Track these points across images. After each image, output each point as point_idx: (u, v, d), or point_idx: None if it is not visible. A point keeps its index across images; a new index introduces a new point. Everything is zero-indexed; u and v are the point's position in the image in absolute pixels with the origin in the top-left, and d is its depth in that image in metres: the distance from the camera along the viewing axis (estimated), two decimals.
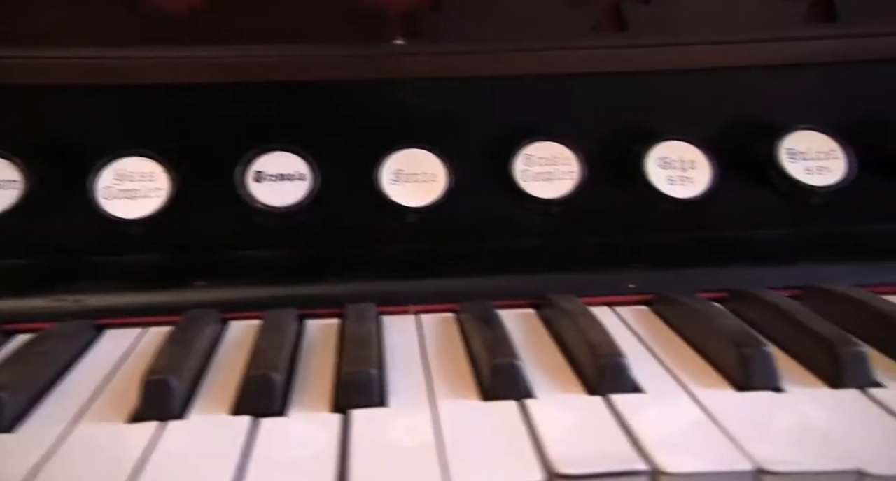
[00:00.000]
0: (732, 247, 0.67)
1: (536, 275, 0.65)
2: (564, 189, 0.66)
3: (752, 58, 0.70)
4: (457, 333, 0.59)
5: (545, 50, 0.69)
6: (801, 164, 0.67)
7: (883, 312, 0.55)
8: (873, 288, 0.64)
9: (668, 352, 0.55)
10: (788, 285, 0.64)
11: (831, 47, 0.70)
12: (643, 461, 0.39)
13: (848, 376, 0.48)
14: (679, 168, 0.67)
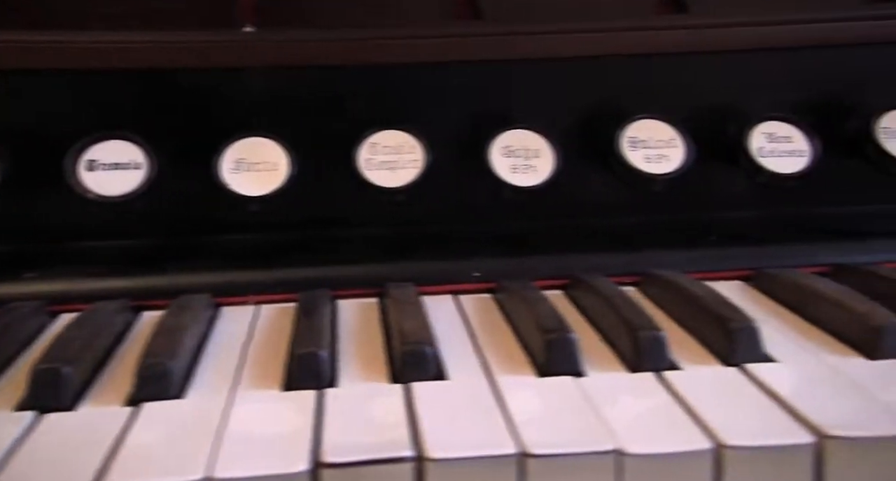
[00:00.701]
0: (576, 235, 0.68)
1: (380, 264, 0.65)
2: (408, 177, 0.66)
3: (604, 47, 0.71)
4: (288, 324, 0.58)
5: (397, 38, 0.69)
6: (642, 153, 0.68)
7: (695, 296, 0.56)
8: (710, 274, 0.66)
9: (489, 340, 0.55)
10: (629, 272, 0.65)
11: (681, 37, 0.72)
12: (412, 448, 0.39)
13: (645, 359, 0.49)
14: (523, 156, 0.68)
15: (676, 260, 0.66)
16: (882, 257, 0.66)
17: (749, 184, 0.69)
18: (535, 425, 0.42)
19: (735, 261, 0.66)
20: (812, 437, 0.41)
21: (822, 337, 0.54)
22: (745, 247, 0.68)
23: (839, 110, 0.70)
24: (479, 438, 0.41)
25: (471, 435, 0.41)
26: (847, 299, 0.54)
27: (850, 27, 0.72)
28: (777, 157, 0.68)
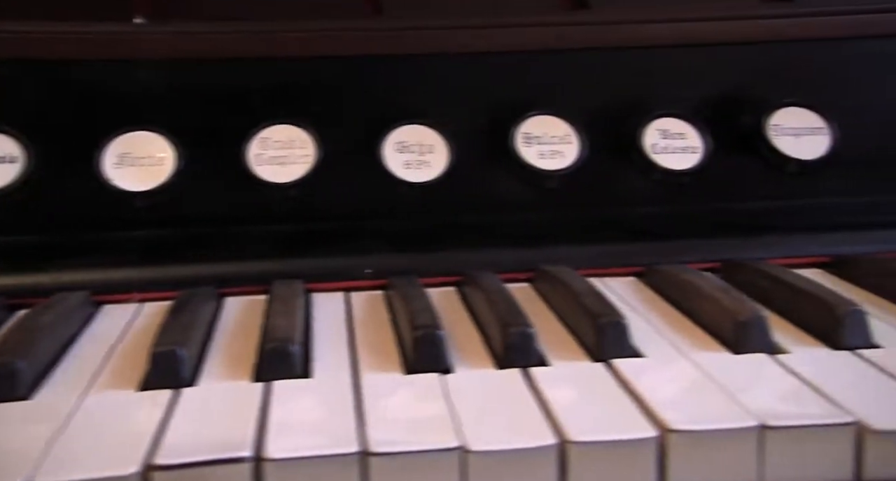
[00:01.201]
0: (471, 231, 0.67)
1: (270, 261, 0.64)
2: (299, 173, 0.65)
3: (503, 43, 0.71)
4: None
5: (293, 32, 0.68)
6: (536, 149, 0.68)
7: (575, 292, 0.55)
8: (606, 270, 0.66)
9: (368, 337, 0.54)
10: (524, 268, 0.65)
11: (579, 34, 0.72)
12: (251, 449, 0.38)
13: (512, 356, 0.49)
14: (417, 152, 0.67)
15: (573, 256, 0.66)
16: (773, 253, 0.67)
17: (645, 181, 0.70)
18: (386, 423, 0.42)
19: (630, 257, 0.67)
20: (655, 431, 0.41)
21: (697, 332, 0.54)
22: (640, 243, 0.68)
23: (734, 107, 0.70)
24: (325, 438, 0.40)
25: (317, 435, 0.40)
26: (721, 295, 0.55)
27: (746, 25, 0.73)
28: (670, 154, 0.69)
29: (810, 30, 0.73)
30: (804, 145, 0.69)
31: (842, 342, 0.50)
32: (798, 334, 0.53)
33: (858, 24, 0.73)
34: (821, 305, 0.52)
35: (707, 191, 0.69)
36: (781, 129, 0.69)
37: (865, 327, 0.51)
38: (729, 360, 0.49)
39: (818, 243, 0.67)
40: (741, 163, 0.70)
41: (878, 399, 0.43)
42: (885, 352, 0.49)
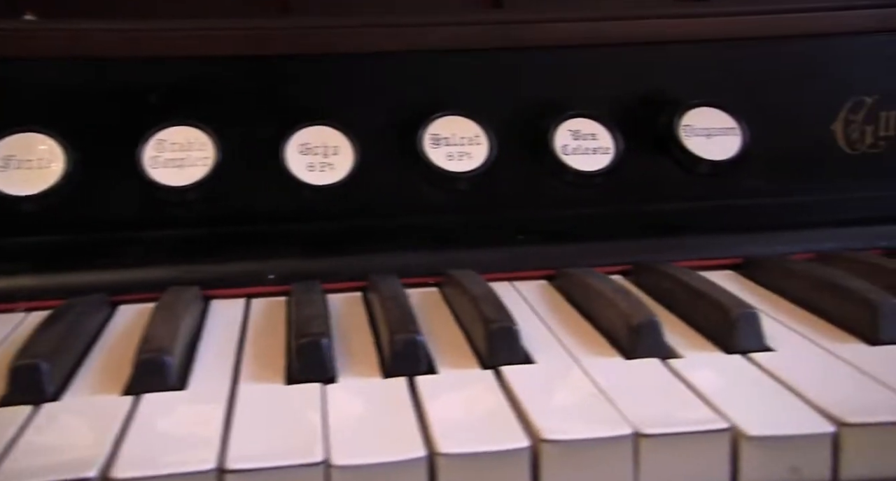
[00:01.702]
0: (377, 235, 0.65)
1: (166, 267, 0.61)
2: (197, 176, 0.63)
3: (412, 42, 0.69)
4: None
5: (190, 30, 0.66)
6: (444, 150, 0.67)
7: (472, 296, 0.54)
8: (516, 274, 0.64)
9: (257, 346, 0.52)
10: (431, 272, 0.63)
11: (491, 33, 0.71)
12: (96, 469, 0.36)
13: (397, 365, 0.47)
14: (321, 154, 0.66)
15: (483, 260, 0.64)
16: (686, 255, 0.66)
17: (557, 182, 0.68)
18: (252, 438, 0.40)
19: (541, 260, 0.65)
20: (528, 442, 0.39)
21: (594, 337, 0.53)
22: (552, 245, 0.67)
23: (647, 107, 0.69)
24: (185, 454, 0.38)
25: (178, 452, 0.38)
26: (619, 298, 0.53)
27: (659, 25, 0.72)
28: (581, 155, 0.68)
29: (723, 30, 0.73)
30: (716, 146, 0.68)
31: (734, 345, 0.49)
32: (694, 338, 0.52)
33: (770, 25, 0.73)
34: (716, 308, 0.52)
35: (620, 193, 0.68)
36: (693, 130, 0.68)
37: (758, 330, 0.50)
38: (619, 366, 0.48)
39: (730, 245, 0.67)
40: (653, 164, 0.69)
41: (760, 404, 0.42)
42: (774, 356, 0.48)
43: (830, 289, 0.55)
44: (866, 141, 0.75)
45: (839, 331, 0.52)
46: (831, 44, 0.73)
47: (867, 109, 0.74)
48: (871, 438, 0.40)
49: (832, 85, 0.73)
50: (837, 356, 0.48)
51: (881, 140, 0.75)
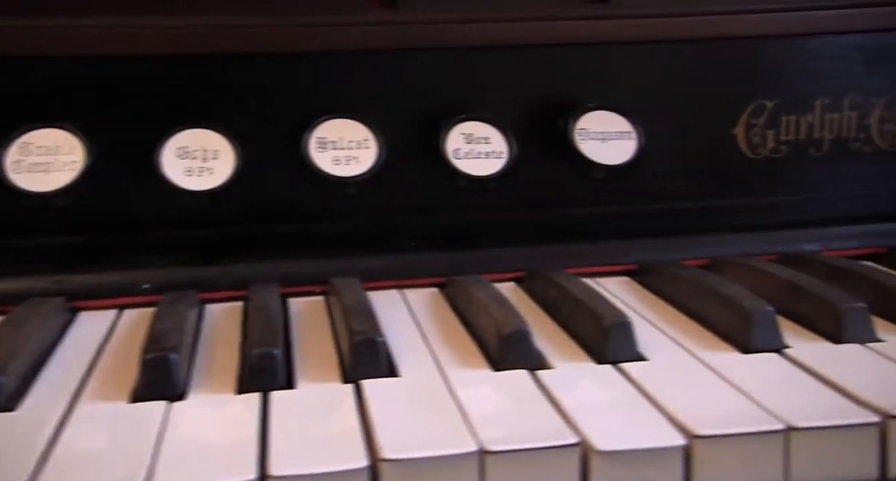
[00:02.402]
0: (257, 243, 0.62)
1: (29, 277, 0.57)
2: (64, 181, 0.59)
3: (301, 44, 0.66)
4: None
5: (50, 28, 0.61)
6: (331, 154, 0.65)
7: (344, 306, 0.52)
8: (407, 281, 0.62)
9: (111, 361, 0.49)
10: (316, 281, 0.60)
11: (384, 33, 0.69)
12: None
13: (253, 379, 0.44)
14: (200, 158, 0.63)
15: (370, 268, 0.62)
16: (581, 262, 0.64)
17: (449, 187, 0.66)
18: (67, 465, 0.37)
19: (431, 267, 0.63)
20: (366, 461, 0.37)
21: (469, 347, 0.51)
22: (443, 252, 0.64)
23: (543, 111, 0.68)
24: None
25: None
26: (494, 307, 0.51)
27: (559, 27, 0.71)
28: (473, 159, 0.66)
29: (624, 32, 0.71)
30: (611, 150, 0.67)
31: (606, 356, 0.48)
32: (571, 347, 0.51)
33: (671, 28, 0.72)
34: (591, 317, 0.50)
35: (514, 198, 0.67)
36: (588, 134, 0.67)
37: (631, 340, 0.48)
38: (484, 379, 0.46)
39: (626, 251, 0.65)
40: (549, 169, 0.67)
41: (618, 416, 0.41)
42: (645, 366, 0.47)
43: (710, 296, 0.54)
44: (768, 145, 0.75)
45: (716, 340, 0.51)
46: (732, 47, 0.72)
47: (768, 113, 0.74)
48: (723, 450, 0.39)
49: (733, 89, 0.72)
50: (708, 365, 0.47)
51: (783, 144, 0.75)
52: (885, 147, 0.75)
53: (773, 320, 0.49)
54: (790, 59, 0.73)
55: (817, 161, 0.75)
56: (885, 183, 0.75)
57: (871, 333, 0.49)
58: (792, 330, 0.52)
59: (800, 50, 0.72)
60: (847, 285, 0.56)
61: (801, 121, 0.74)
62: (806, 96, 0.73)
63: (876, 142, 0.75)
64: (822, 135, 0.75)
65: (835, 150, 0.75)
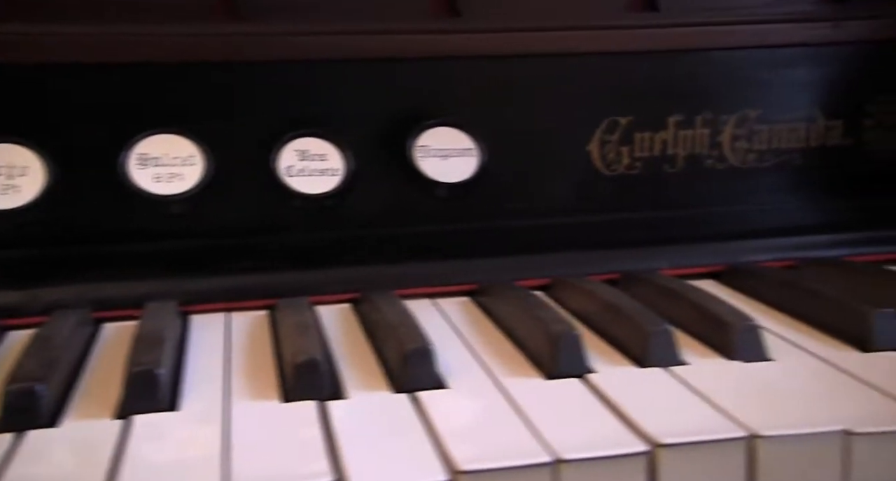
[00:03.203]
0: (72, 265, 0.58)
1: None
2: None
3: (124, 54, 0.63)
4: None
5: None
6: (152, 171, 0.62)
7: (139, 334, 0.49)
8: (228, 304, 0.59)
9: None
10: (133, 304, 0.57)
11: (220, 45, 0.66)
12: None
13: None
14: (5, 175, 0.59)
15: (198, 290, 0.59)
16: (417, 283, 0.62)
17: (283, 206, 0.63)
18: None
19: (261, 289, 0.60)
20: None
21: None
22: (276, 273, 0.61)
23: (387, 127, 0.66)
24: None
25: None
26: (294, 335, 0.49)
27: (404, 41, 0.69)
28: (307, 177, 0.64)
29: (473, 47, 0.70)
30: (452, 167, 0.66)
31: (402, 384, 0.45)
32: (374, 375, 0.48)
33: (522, 43, 0.70)
34: (396, 343, 0.48)
35: (351, 217, 0.65)
36: (428, 151, 0.66)
37: (430, 367, 0.46)
38: (269, 410, 0.43)
39: (466, 270, 0.63)
40: (389, 187, 0.65)
41: (382, 451, 0.38)
42: (440, 395, 0.44)
43: (528, 319, 0.52)
44: (623, 162, 0.75)
45: (526, 365, 0.49)
46: (584, 63, 0.72)
47: (622, 130, 0.74)
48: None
49: (587, 105, 0.71)
50: (506, 392, 0.44)
51: (637, 161, 0.75)
52: (738, 164, 0.77)
53: (578, 345, 0.48)
54: (643, 76, 0.72)
55: (672, 178, 0.76)
56: (737, 200, 0.77)
57: (675, 356, 0.48)
58: (606, 354, 0.51)
59: (652, 67, 0.72)
60: (671, 306, 0.56)
61: (655, 137, 0.75)
62: (659, 113, 0.73)
63: (729, 160, 0.77)
64: (677, 151, 0.76)
65: (689, 167, 0.76)
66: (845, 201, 0.76)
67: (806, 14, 0.75)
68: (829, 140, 0.76)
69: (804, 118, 0.75)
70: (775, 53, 0.74)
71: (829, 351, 0.50)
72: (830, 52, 0.75)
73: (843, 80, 0.76)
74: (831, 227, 0.72)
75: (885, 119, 0.77)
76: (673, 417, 0.41)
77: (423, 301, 0.62)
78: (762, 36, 0.74)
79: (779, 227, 0.72)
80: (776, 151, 0.76)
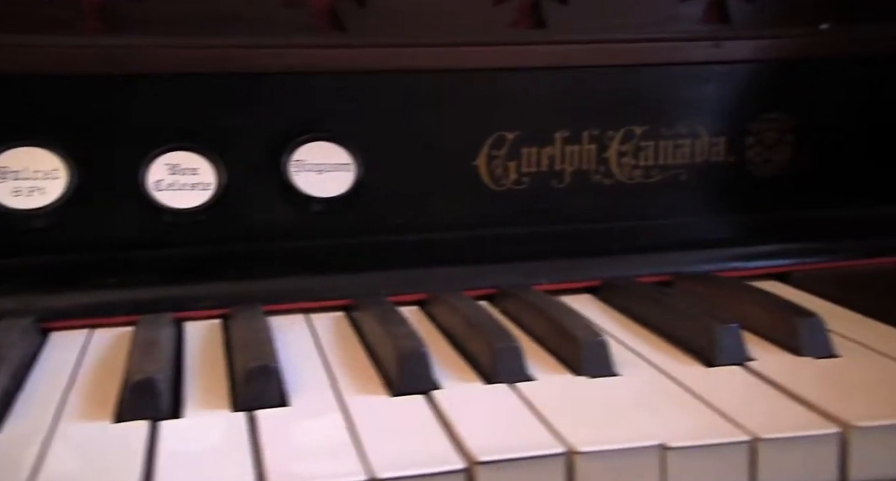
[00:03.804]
0: None
1: None
2: None
3: None
4: None
5: None
6: (11, 185, 0.60)
7: None
8: (94, 320, 0.58)
9: None
10: None
11: (92, 56, 0.65)
12: None
13: None
14: None
15: (53, 308, 0.57)
16: (291, 298, 0.61)
17: (153, 221, 0.62)
18: None
19: (124, 307, 0.58)
20: None
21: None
22: (141, 289, 0.60)
23: (269, 140, 0.65)
24: None
25: None
26: (141, 353, 0.48)
27: (293, 54, 0.67)
28: (177, 191, 0.63)
29: (359, 61, 0.68)
30: (327, 182, 0.65)
31: (239, 403, 0.45)
32: (217, 395, 0.47)
33: (407, 58, 0.70)
34: (241, 360, 0.48)
35: (225, 232, 0.64)
36: (304, 165, 0.65)
37: (270, 386, 0.44)
38: (96, 431, 0.43)
39: (338, 286, 0.62)
40: (264, 201, 0.65)
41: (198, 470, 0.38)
42: (276, 414, 0.44)
43: (384, 336, 0.51)
44: (510, 177, 0.75)
45: (375, 381, 0.49)
46: (470, 79, 0.72)
47: (509, 145, 0.75)
48: None
49: (473, 120, 0.71)
50: (346, 410, 0.44)
51: (525, 176, 0.76)
52: (625, 180, 0.78)
53: (425, 362, 0.48)
54: (529, 91, 0.73)
55: (559, 193, 0.76)
56: (624, 215, 0.77)
57: (522, 372, 0.48)
58: (460, 370, 0.51)
59: (539, 83, 0.72)
60: (533, 322, 0.56)
61: (542, 153, 0.76)
62: (546, 129, 0.74)
63: (615, 175, 0.78)
64: (564, 167, 0.76)
65: (576, 183, 0.76)
66: (728, 217, 0.78)
67: (689, 33, 0.76)
68: (713, 157, 0.78)
69: (689, 135, 0.77)
70: (660, 71, 0.76)
71: (677, 366, 0.50)
72: (713, 71, 0.77)
73: (725, 98, 0.77)
74: (713, 242, 0.73)
75: (767, 137, 0.80)
76: (499, 434, 0.41)
77: (297, 316, 0.62)
78: (646, 54, 0.75)
79: (660, 243, 0.73)
80: (662, 167, 0.77)
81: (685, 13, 0.76)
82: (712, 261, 0.71)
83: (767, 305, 0.56)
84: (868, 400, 0.44)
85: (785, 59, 0.78)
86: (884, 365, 0.50)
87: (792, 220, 0.76)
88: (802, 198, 0.79)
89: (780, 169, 0.80)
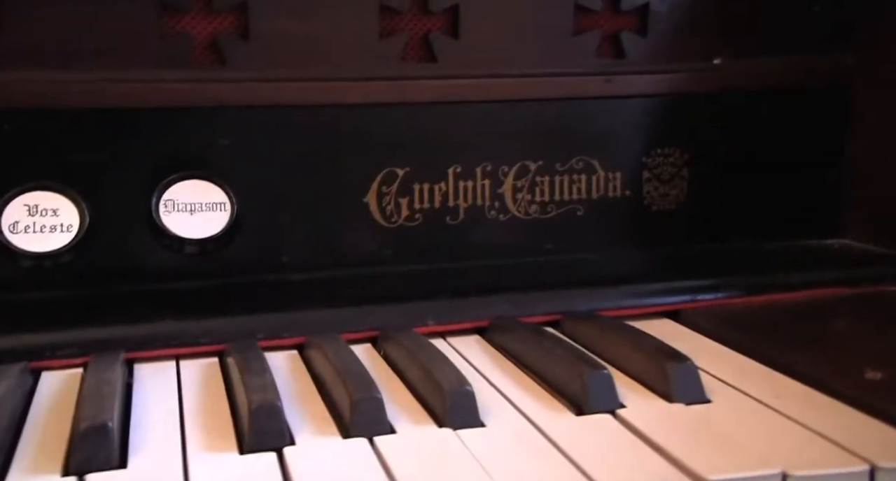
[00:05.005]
0: None
1: None
2: None
3: None
4: None
5: None
6: None
7: None
8: None
9: None
10: None
11: None
12: None
13: None
14: None
15: None
16: (164, 343, 0.57)
17: (10, 264, 0.60)
18: None
19: None
20: None
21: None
22: None
23: (138, 178, 0.62)
24: None
25: None
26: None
27: (167, 89, 0.64)
28: (36, 233, 0.59)
29: (235, 96, 0.66)
30: (200, 222, 0.62)
31: (71, 464, 0.42)
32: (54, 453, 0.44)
33: (284, 92, 0.67)
34: (76, 419, 0.45)
35: (90, 275, 0.61)
36: (175, 205, 0.62)
37: (104, 443, 0.41)
38: None
39: (210, 331, 0.59)
40: (132, 242, 0.62)
41: None
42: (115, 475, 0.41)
43: (242, 384, 0.48)
44: (402, 213, 0.74)
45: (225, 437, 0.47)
46: (359, 114, 0.70)
47: (400, 181, 0.73)
48: None
49: (363, 156, 0.70)
50: (187, 468, 0.42)
51: (417, 212, 0.74)
52: (521, 215, 0.77)
53: (276, 416, 0.44)
54: (420, 127, 0.71)
55: (454, 229, 0.74)
56: (519, 251, 0.76)
57: (382, 425, 0.45)
58: (322, 422, 0.47)
59: (429, 118, 0.71)
60: (407, 367, 0.53)
61: (434, 188, 0.74)
62: (438, 164, 0.72)
63: (511, 211, 0.77)
64: (458, 203, 0.75)
65: (471, 219, 0.75)
66: (626, 252, 0.77)
67: (583, 68, 0.77)
68: (610, 192, 0.78)
69: (584, 170, 0.77)
70: (553, 105, 0.75)
71: (547, 414, 0.49)
72: (607, 106, 0.77)
73: (620, 133, 0.77)
74: (607, 280, 0.72)
75: (663, 172, 0.80)
76: None
77: (168, 363, 0.58)
78: (538, 88, 0.75)
79: (554, 280, 0.71)
80: (558, 203, 0.77)
81: (579, 47, 0.76)
82: (606, 298, 0.69)
83: (643, 348, 0.55)
84: (729, 451, 0.43)
85: (679, 94, 0.79)
86: (754, 412, 0.49)
87: (685, 256, 0.77)
88: (697, 233, 0.79)
89: (678, 203, 0.80)
